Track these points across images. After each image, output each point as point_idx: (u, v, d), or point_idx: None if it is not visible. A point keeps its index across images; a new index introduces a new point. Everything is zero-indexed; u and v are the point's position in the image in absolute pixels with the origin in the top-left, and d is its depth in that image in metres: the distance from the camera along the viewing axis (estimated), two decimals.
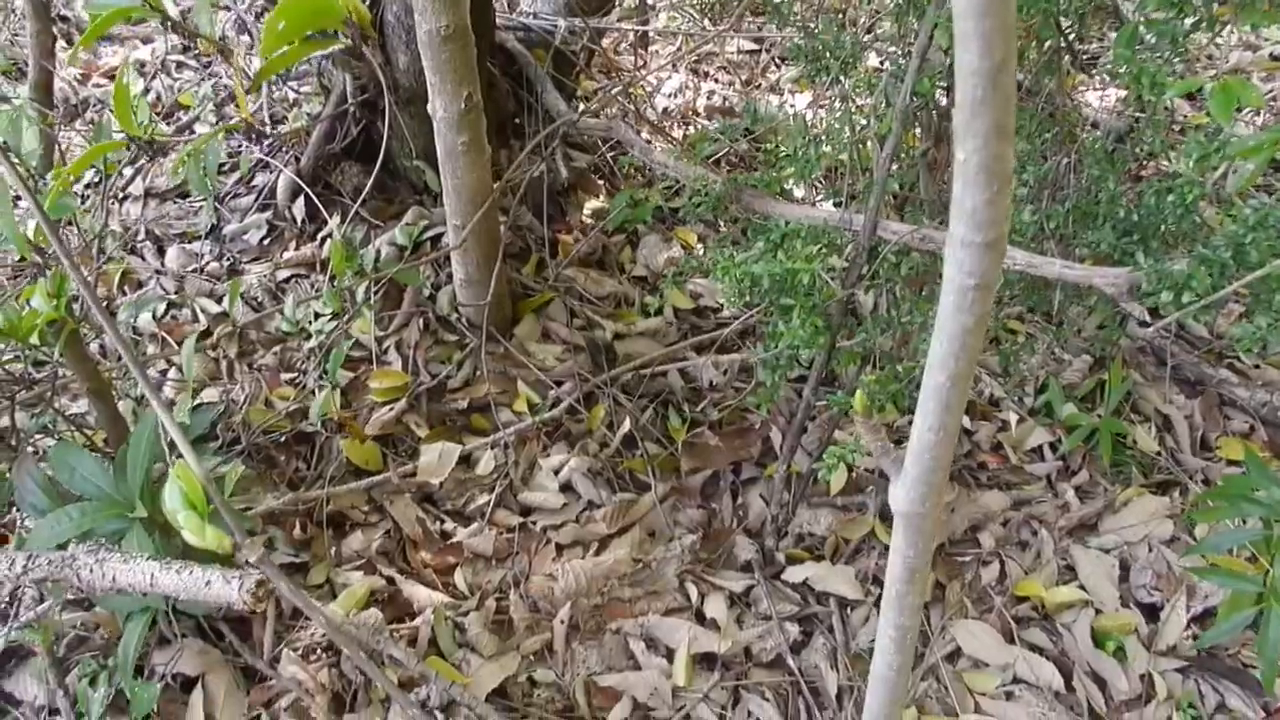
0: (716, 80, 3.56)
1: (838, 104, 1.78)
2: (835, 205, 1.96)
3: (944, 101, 1.82)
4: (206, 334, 2.07)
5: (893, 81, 1.70)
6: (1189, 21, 1.52)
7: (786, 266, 1.55)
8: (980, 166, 0.39)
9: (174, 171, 2.16)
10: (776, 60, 3.70)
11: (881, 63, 1.84)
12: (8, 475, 1.51)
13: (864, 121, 1.75)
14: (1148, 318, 2.37)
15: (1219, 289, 1.33)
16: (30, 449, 1.62)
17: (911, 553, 0.56)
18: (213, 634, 1.61)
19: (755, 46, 3.76)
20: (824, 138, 1.71)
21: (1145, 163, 2.64)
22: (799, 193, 2.28)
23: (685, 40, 3.60)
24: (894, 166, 1.85)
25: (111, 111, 1.44)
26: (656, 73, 3.34)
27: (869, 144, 1.81)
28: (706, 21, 3.72)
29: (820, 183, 2.26)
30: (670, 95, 3.32)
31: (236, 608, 0.97)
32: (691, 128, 3.15)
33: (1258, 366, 2.30)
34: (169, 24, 1.28)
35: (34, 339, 1.37)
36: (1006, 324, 2.34)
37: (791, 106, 3.32)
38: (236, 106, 2.50)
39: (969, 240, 0.42)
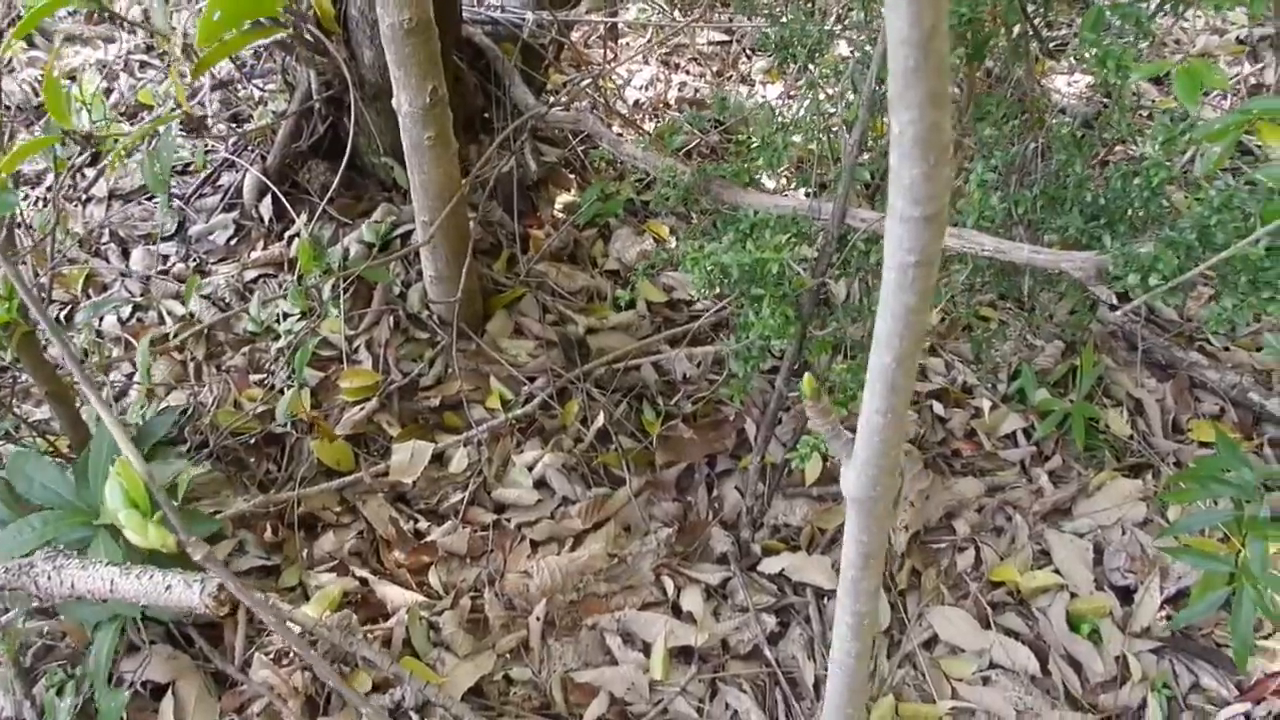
0: (687, 72, 3.54)
1: (806, 92, 1.78)
2: (807, 195, 1.96)
3: None
4: (172, 336, 2.04)
5: (859, 69, 1.70)
6: (1154, 4, 1.52)
7: (755, 256, 1.54)
8: (916, 138, 0.38)
9: (113, 166, 2.12)
10: (747, 51, 3.69)
11: (851, 51, 1.84)
12: None
13: (832, 110, 1.75)
14: (1117, 302, 2.38)
15: (1185, 271, 1.34)
16: None
17: (865, 538, 0.56)
18: (182, 640, 1.59)
19: (726, 38, 3.75)
20: (792, 126, 1.71)
21: (1113, 148, 2.65)
22: (770, 183, 2.28)
23: (655, 32, 3.58)
24: (864, 155, 1.85)
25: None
26: (626, 65, 3.33)
27: (837, 132, 1.81)
28: (677, 13, 3.71)
29: (790, 173, 2.25)
30: (641, 88, 3.30)
31: (199, 611, 0.96)
32: (663, 120, 3.14)
33: (1227, 349, 2.31)
34: (110, 15, 1.25)
35: None
36: (978, 311, 2.34)
37: (762, 97, 3.32)
38: (190, 101, 2.46)
39: (908, 215, 0.41)
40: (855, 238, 1.60)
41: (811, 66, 1.72)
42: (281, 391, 1.95)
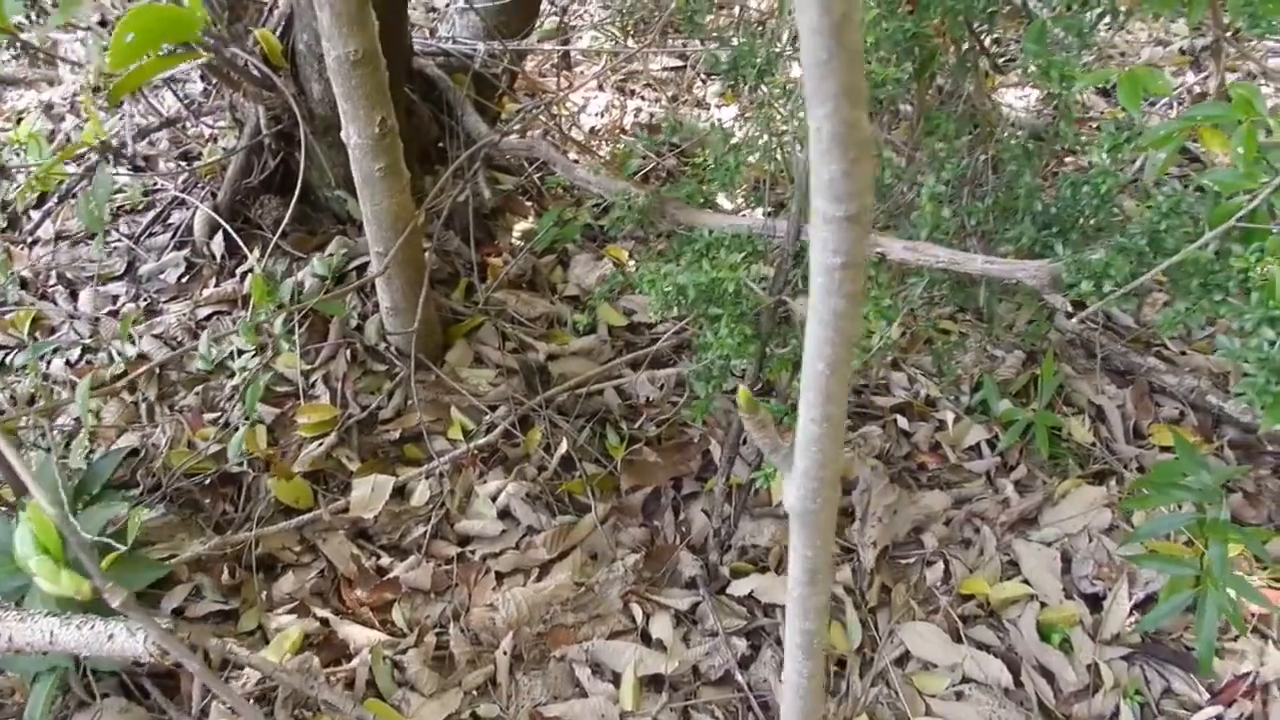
0: (643, 98, 3.56)
1: (758, 113, 1.78)
2: (765, 214, 1.96)
3: None
4: (123, 376, 2.00)
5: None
6: (1095, 14, 1.54)
7: (712, 275, 1.53)
8: (833, 136, 0.37)
9: (22, 196, 2.07)
10: (702, 76, 3.71)
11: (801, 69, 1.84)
12: None
13: (784, 128, 1.75)
14: (1073, 310, 2.40)
15: (1137, 276, 1.35)
16: None
17: (810, 552, 0.54)
18: (137, 691, 1.54)
19: (680, 63, 3.77)
20: (745, 146, 1.71)
21: (1064, 160, 2.68)
22: (727, 204, 2.28)
23: (608, 59, 3.59)
24: None
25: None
26: (580, 92, 3.33)
27: (791, 151, 1.81)
28: (630, 40, 3.73)
29: (747, 193, 2.26)
30: (597, 115, 3.31)
31: (144, 660, 0.92)
32: (620, 146, 3.14)
33: (1184, 353, 2.33)
34: (46, 56, 1.23)
35: None
36: (939, 324, 2.35)
37: (717, 120, 3.33)
38: (149, 143, 2.43)
39: (830, 215, 0.40)
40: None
41: (763, 87, 1.73)
42: (237, 429, 1.91)
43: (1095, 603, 1.82)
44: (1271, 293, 1.33)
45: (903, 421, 2.17)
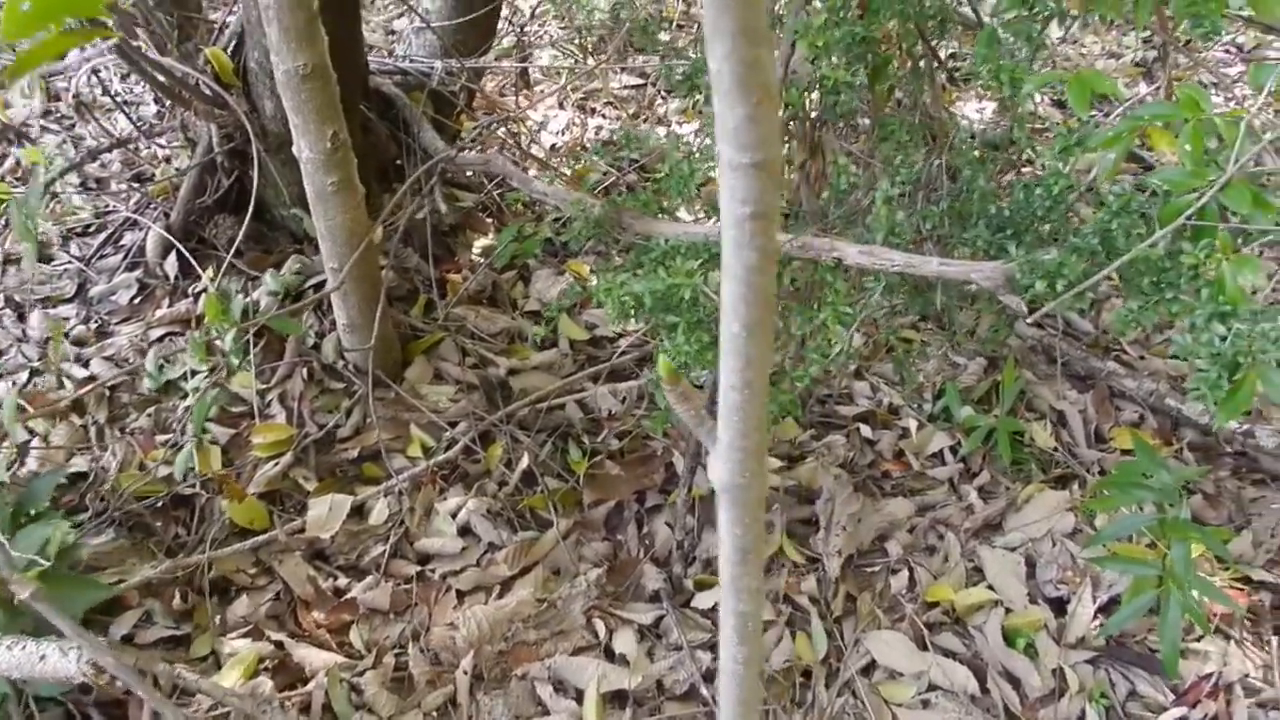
0: (604, 116, 3.56)
1: (712, 123, 1.78)
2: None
3: (814, 113, 1.83)
4: (77, 401, 1.96)
5: None
6: (1042, 17, 1.55)
7: (668, 283, 1.52)
8: (734, 77, 0.36)
9: None
10: (663, 93, 3.72)
11: None
12: None
13: None
14: (1028, 316, 2.41)
15: (1091, 276, 1.35)
16: None
17: (739, 530, 0.52)
18: (82, 719, 1.49)
19: (641, 81, 3.78)
20: (700, 155, 1.70)
21: (1020, 167, 2.71)
22: (685, 215, 2.27)
23: (568, 76, 3.60)
24: None
25: None
26: (539, 108, 3.33)
27: None
28: (590, 59, 3.74)
29: (705, 204, 2.26)
30: (557, 133, 3.31)
31: (76, 681, 0.89)
32: (581, 162, 3.13)
33: (1143, 357, 2.35)
34: None
35: None
36: (900, 333, 2.35)
37: (679, 137, 3.34)
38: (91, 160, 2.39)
39: (737, 163, 0.39)
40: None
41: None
42: (191, 452, 1.87)
43: (1060, 607, 1.81)
44: (1221, 289, 1.34)
45: (866, 430, 2.17)
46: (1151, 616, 1.74)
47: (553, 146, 3.20)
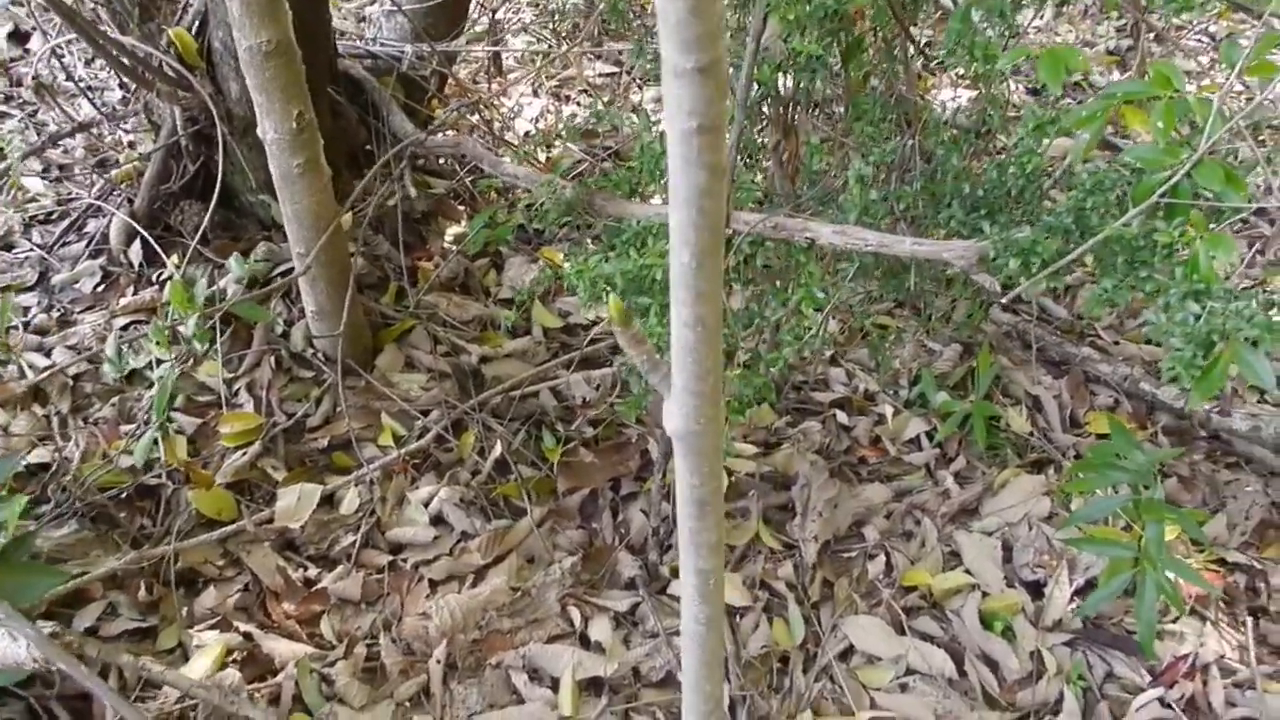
0: (578, 104, 3.53)
1: None
2: None
3: (787, 95, 1.81)
4: (38, 391, 1.91)
5: (733, 73, 1.69)
6: None
7: (639, 264, 1.50)
8: None
9: None
10: (638, 82, 3.69)
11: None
12: None
13: None
14: (1003, 297, 2.40)
15: (1065, 255, 1.34)
16: None
17: (696, 481, 0.50)
18: (45, 715, 1.46)
19: (614, 69, 3.75)
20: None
21: (992, 148, 2.70)
22: (657, 200, 2.25)
23: (541, 63, 3.56)
24: (742, 160, 1.83)
25: None
26: (513, 95, 3.29)
27: None
28: (564, 45, 3.70)
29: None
30: (531, 120, 3.27)
31: (28, 668, 0.86)
32: (555, 150, 3.10)
33: (1117, 343, 2.35)
34: None
35: None
36: (875, 319, 2.34)
37: (651, 118, 3.32)
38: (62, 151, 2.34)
39: (681, 68, 0.36)
40: (739, 241, 1.57)
41: None
42: (156, 442, 1.83)
43: (1036, 590, 1.81)
44: (1195, 267, 1.33)
45: (842, 416, 2.15)
46: (1128, 598, 1.74)
47: (527, 134, 3.16)
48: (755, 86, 1.53)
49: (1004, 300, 2.05)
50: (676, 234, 0.41)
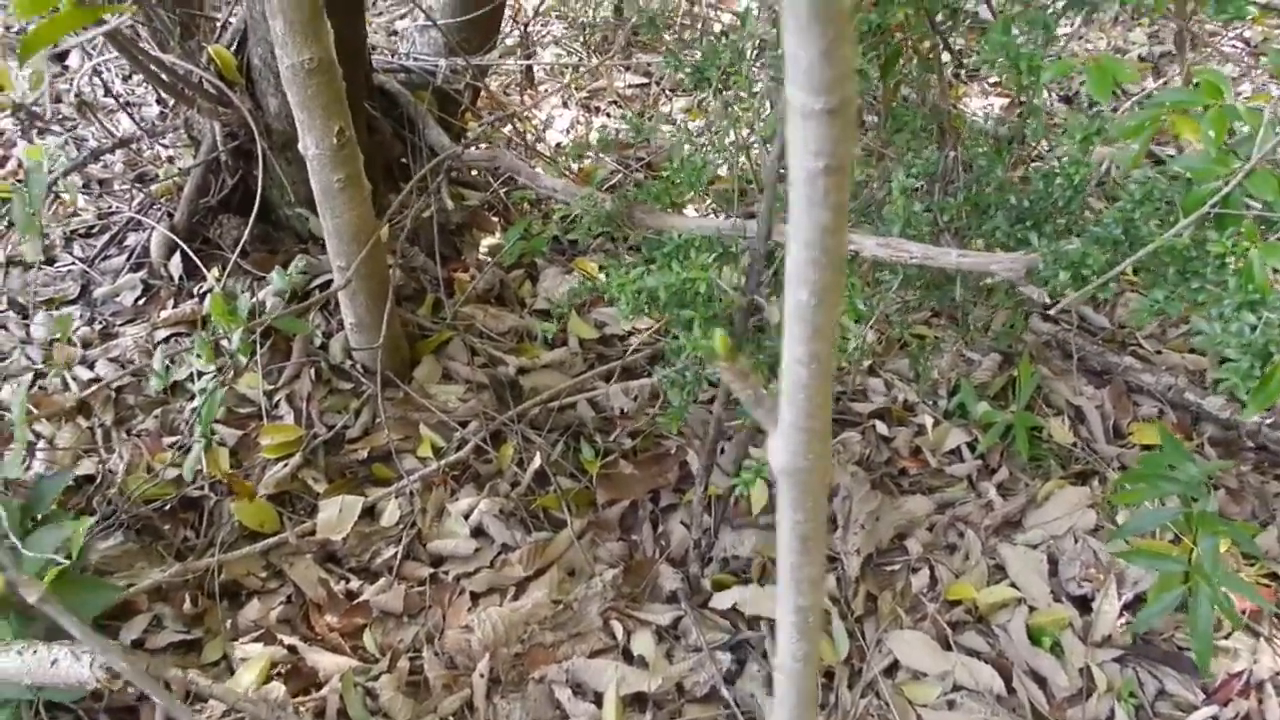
0: (608, 115, 3.54)
1: (723, 115, 1.75)
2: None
3: None
4: (83, 404, 1.93)
5: (774, 85, 1.68)
6: (1060, 3, 1.52)
7: (682, 276, 1.49)
8: (811, 8, 0.33)
9: None
10: (667, 92, 3.70)
11: (763, 66, 1.82)
12: None
13: (749, 129, 1.72)
14: (1048, 310, 2.38)
15: (1114, 266, 1.32)
16: None
17: (800, 516, 0.49)
18: None
19: (645, 80, 3.76)
20: (711, 146, 1.68)
21: (1031, 159, 2.68)
22: (691, 211, 2.25)
23: (572, 74, 3.58)
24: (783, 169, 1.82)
25: None
26: (544, 107, 3.31)
27: (757, 153, 1.79)
28: (594, 57, 3.71)
29: (714, 199, 2.23)
30: (563, 131, 3.28)
31: (90, 686, 0.86)
32: (587, 162, 3.11)
33: (1160, 352, 2.32)
34: None
35: None
36: (914, 328, 2.33)
37: (682, 122, 3.32)
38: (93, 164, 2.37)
39: (810, 109, 0.35)
40: (784, 254, 1.56)
41: (729, 87, 1.70)
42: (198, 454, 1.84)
43: (1084, 604, 1.78)
44: (1250, 277, 1.31)
45: (881, 427, 2.14)
46: (1177, 614, 1.71)
47: (558, 145, 3.17)
48: None
49: (1054, 311, 2.03)
50: (796, 272, 0.40)
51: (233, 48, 2.07)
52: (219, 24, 2.14)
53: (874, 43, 1.61)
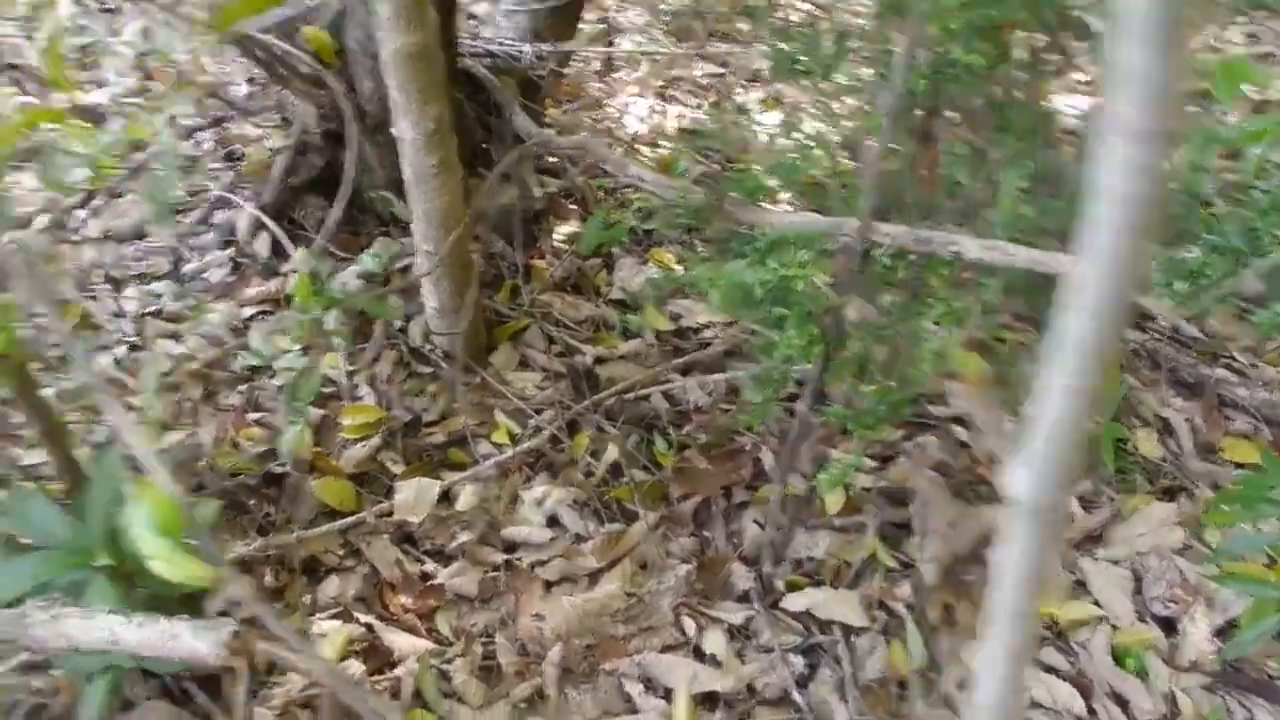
0: (684, 104, 3.51)
1: (818, 108, 1.73)
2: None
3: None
4: (167, 375, 1.96)
5: (880, 80, 1.65)
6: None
7: (780, 274, 1.47)
8: (1157, 21, 0.30)
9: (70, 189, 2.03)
10: (742, 83, 3.67)
11: (867, 59, 1.78)
12: None
13: (848, 126, 1.69)
14: (1160, 316, 2.31)
15: (1232, 276, 1.28)
16: None
17: (1034, 552, 0.47)
18: (180, 695, 1.50)
19: (721, 70, 3.73)
20: (809, 141, 1.65)
21: None
22: (784, 205, 2.22)
23: (650, 63, 3.56)
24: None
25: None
26: (623, 95, 3.30)
27: (855, 149, 1.75)
28: (674, 45, 3.70)
29: (804, 193, 2.20)
30: (639, 119, 3.27)
31: (209, 661, 0.87)
32: (661, 149, 3.10)
33: (1255, 365, 2.25)
34: None
35: None
36: (994, 332, 2.27)
37: (760, 126, 3.29)
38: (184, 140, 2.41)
39: (1137, 127, 0.33)
40: (881, 253, 1.54)
41: (830, 79, 1.67)
42: (279, 430, 1.86)
43: (1169, 626, 1.73)
44: None
45: (960, 432, 2.10)
46: (1271, 642, 1.65)
47: (634, 133, 3.16)
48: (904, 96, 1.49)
49: (1168, 321, 1.97)
50: (1086, 295, 0.38)
51: (329, 29, 2.09)
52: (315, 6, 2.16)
53: (985, 38, 1.56)
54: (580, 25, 3.16)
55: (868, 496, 1.93)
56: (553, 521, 1.85)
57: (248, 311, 2.13)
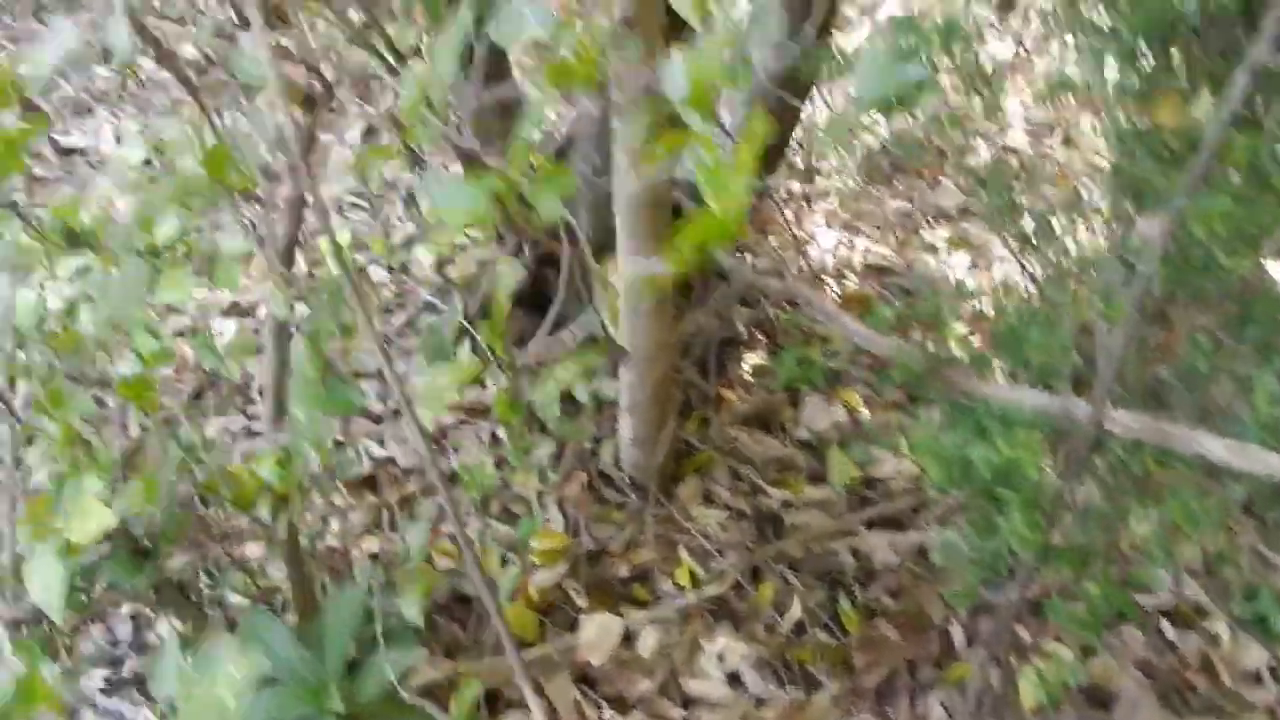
0: (869, 237, 3.51)
1: (1054, 283, 1.68)
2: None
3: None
4: (370, 479, 2.03)
5: (1122, 264, 1.59)
6: None
7: (1008, 455, 1.41)
8: None
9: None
10: (929, 220, 3.65)
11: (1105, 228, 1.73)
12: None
13: (1088, 304, 1.64)
14: None
15: None
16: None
17: None
18: None
19: (908, 206, 3.72)
20: (1044, 318, 1.60)
21: None
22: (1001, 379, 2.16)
23: (839, 196, 3.58)
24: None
25: None
26: (810, 225, 3.32)
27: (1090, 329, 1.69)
28: (862, 181, 3.71)
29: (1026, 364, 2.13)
30: (826, 251, 3.27)
31: None
32: (848, 283, 3.09)
33: None
34: None
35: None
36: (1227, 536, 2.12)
37: (947, 265, 3.24)
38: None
39: None
40: (1114, 444, 1.46)
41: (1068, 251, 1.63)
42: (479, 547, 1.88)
43: None
44: None
45: (1168, 628, 1.95)
46: None
47: (821, 268, 3.16)
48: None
49: None
50: None
51: (554, 157, 2.18)
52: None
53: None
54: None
55: (1065, 693, 1.80)
56: (733, 678, 1.79)
57: (448, 420, 2.19)
